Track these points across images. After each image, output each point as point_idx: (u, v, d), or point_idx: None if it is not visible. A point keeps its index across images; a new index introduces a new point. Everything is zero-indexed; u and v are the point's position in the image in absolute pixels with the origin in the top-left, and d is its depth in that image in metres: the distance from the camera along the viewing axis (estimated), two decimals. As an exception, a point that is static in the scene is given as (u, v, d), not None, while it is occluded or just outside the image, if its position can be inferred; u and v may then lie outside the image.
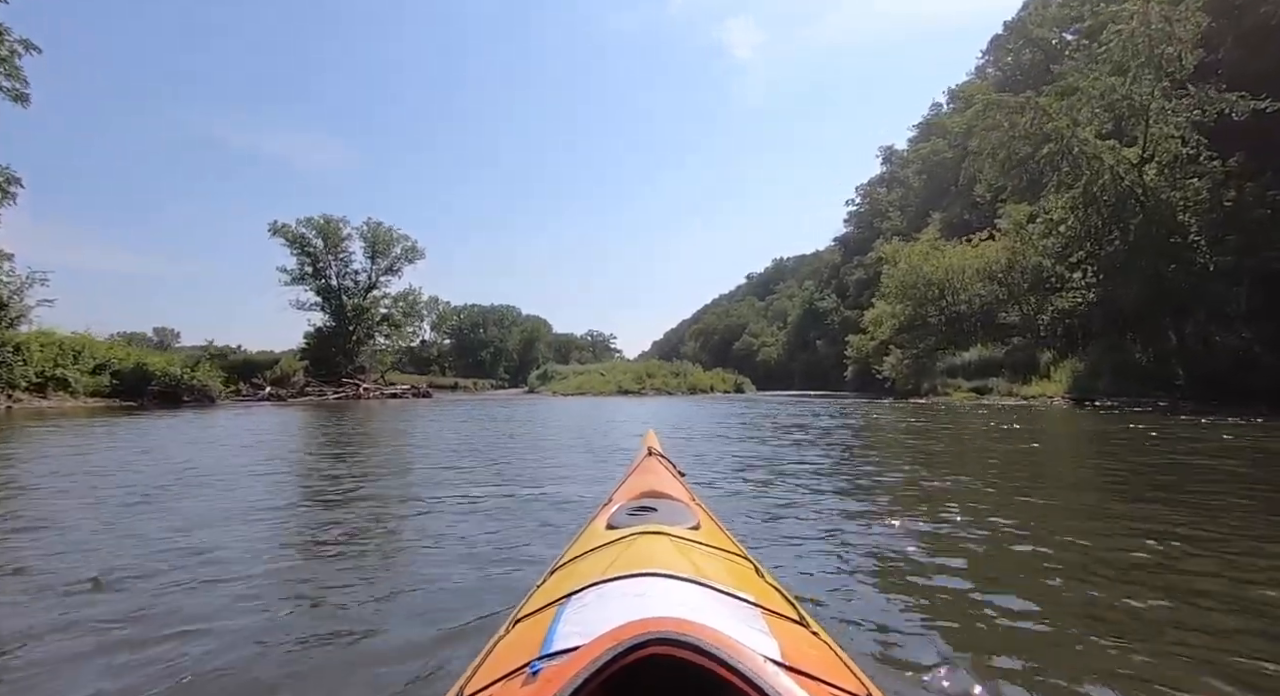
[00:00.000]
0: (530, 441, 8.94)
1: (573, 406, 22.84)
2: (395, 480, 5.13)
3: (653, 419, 15.20)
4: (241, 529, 3.35)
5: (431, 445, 8.36)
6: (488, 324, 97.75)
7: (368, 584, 2.42)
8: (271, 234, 39.19)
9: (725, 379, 48.16)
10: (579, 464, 6.16)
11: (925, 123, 63.83)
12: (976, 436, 9.35)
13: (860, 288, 65.04)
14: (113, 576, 2.50)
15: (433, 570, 2.57)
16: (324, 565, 2.70)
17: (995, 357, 23.09)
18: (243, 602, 2.21)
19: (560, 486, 4.55)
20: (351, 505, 4.00)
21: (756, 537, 3.00)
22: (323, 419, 15.28)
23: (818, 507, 3.82)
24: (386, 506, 3.98)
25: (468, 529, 3.30)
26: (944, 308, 28.88)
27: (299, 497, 4.42)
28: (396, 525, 3.51)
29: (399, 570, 2.64)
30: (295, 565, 2.72)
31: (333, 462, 6.41)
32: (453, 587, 2.34)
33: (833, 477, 5.14)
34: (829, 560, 2.71)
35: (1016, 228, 25.78)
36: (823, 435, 9.74)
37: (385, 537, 3.23)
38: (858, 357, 51.63)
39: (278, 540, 3.16)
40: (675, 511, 1.42)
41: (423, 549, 2.94)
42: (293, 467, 6.25)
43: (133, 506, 3.95)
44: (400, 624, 1.98)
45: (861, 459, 6.82)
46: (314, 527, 3.41)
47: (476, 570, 2.55)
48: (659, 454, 2.32)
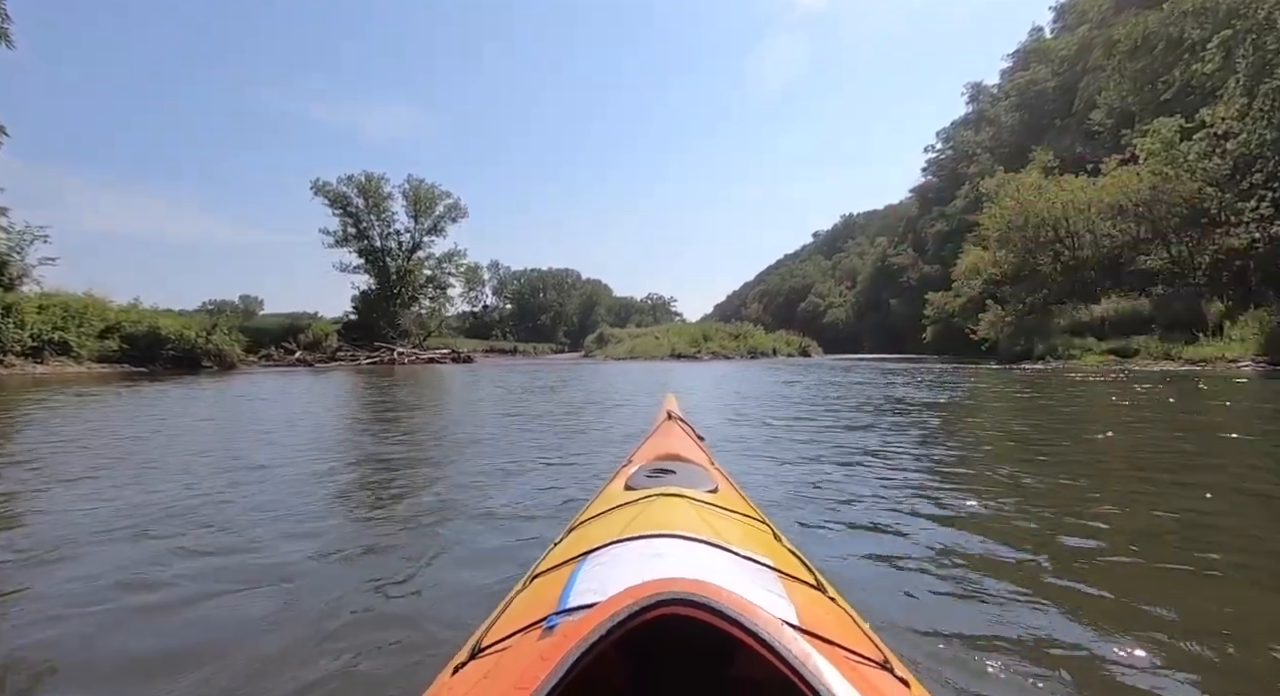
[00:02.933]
0: (522, 421, 6.80)
1: (614, 373, 19.50)
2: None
3: (691, 394, 11.59)
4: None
5: (399, 425, 6.68)
6: (547, 288, 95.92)
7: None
8: (314, 194, 37.23)
9: (790, 341, 43.50)
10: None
11: (1022, 50, 55.23)
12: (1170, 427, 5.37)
13: (941, 241, 58.14)
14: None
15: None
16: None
17: (1139, 311, 17.88)
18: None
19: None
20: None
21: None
22: (335, 387, 13.11)
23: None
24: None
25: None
26: (1059, 252, 23.36)
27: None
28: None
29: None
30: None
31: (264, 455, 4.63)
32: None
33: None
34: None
35: (1165, 147, 20.04)
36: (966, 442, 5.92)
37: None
38: (939, 317, 45.89)
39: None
40: (694, 474, 1.38)
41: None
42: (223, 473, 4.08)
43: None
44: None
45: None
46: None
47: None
48: (678, 417, 2.21)
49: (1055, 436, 5.25)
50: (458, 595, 1.88)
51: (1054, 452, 4.47)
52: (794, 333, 48.83)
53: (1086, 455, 4.39)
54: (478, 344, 62.17)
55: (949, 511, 2.84)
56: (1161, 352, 15.63)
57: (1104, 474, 3.76)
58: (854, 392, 10.39)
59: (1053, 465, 3.96)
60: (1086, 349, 17.58)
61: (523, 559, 2.01)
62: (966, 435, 5.46)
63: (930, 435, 5.33)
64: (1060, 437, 5.18)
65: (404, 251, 39.30)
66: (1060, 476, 3.55)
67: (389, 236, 38.97)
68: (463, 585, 1.95)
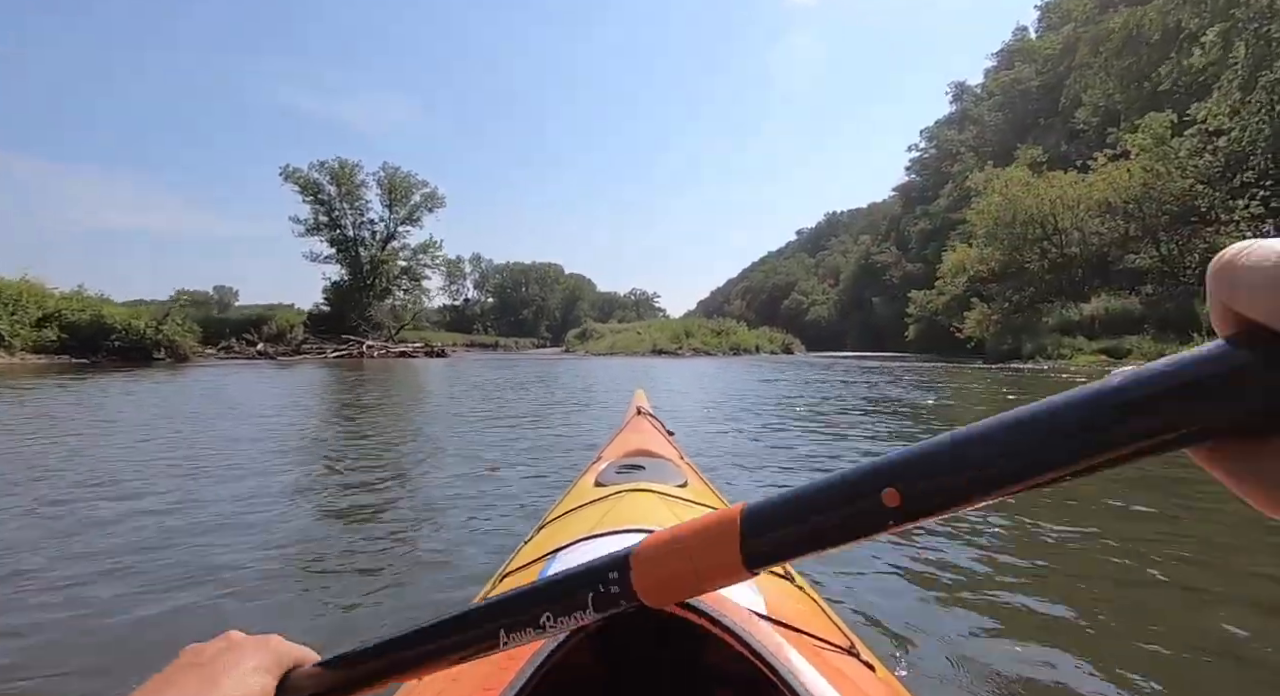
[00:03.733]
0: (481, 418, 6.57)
1: (591, 369, 18.53)
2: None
3: (666, 394, 10.68)
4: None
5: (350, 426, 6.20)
6: (530, 282, 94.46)
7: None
8: (283, 180, 35.66)
9: (773, 338, 42.78)
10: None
11: (1006, 50, 54.96)
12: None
13: (924, 239, 57.80)
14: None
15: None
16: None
17: (1130, 310, 17.28)
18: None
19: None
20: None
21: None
22: (288, 383, 12.07)
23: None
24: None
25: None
26: (1047, 250, 22.77)
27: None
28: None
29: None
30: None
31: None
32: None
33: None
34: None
35: (1155, 143, 19.48)
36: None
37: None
38: (922, 315, 45.45)
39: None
40: (663, 469, 1.38)
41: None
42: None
43: None
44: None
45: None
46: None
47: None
48: (648, 413, 2.19)
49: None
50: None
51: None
52: (777, 330, 48.09)
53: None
54: (458, 338, 60.79)
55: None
56: (1155, 353, 14.92)
57: (1103, 487, 3.21)
58: (836, 393, 9.55)
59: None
60: (1077, 349, 16.94)
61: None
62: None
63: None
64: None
65: (378, 241, 37.89)
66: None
67: (362, 226, 37.55)
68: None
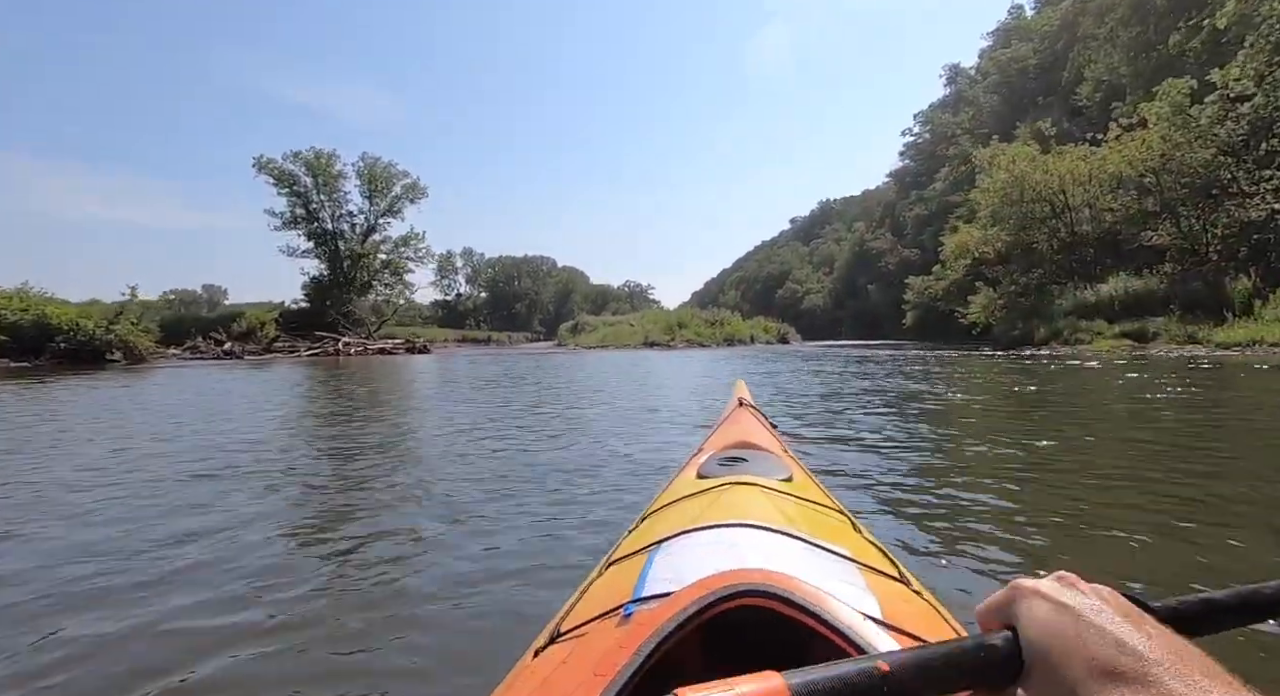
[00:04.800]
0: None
1: (579, 365, 17.11)
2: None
3: (645, 396, 9.28)
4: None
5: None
6: (522, 275, 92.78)
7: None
8: (257, 171, 33.96)
9: (768, 328, 41.30)
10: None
11: (1002, 29, 53.30)
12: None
13: (920, 225, 56.36)
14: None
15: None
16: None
17: (1152, 290, 15.87)
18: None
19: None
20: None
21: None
22: (245, 384, 10.51)
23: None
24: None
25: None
26: (1056, 229, 21.33)
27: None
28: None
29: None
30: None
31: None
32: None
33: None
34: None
35: (1175, 111, 18.02)
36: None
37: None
38: (920, 301, 44.09)
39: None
40: (767, 462, 1.32)
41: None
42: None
43: None
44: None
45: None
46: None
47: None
48: (750, 405, 2.11)
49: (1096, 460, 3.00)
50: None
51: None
52: (772, 319, 46.63)
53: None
54: (450, 333, 59.12)
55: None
56: (1184, 336, 13.64)
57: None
58: (844, 387, 8.15)
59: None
60: (1096, 333, 15.54)
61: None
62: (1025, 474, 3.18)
63: (964, 464, 3.05)
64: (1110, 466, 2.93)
65: (358, 235, 36.27)
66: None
67: (341, 218, 35.90)
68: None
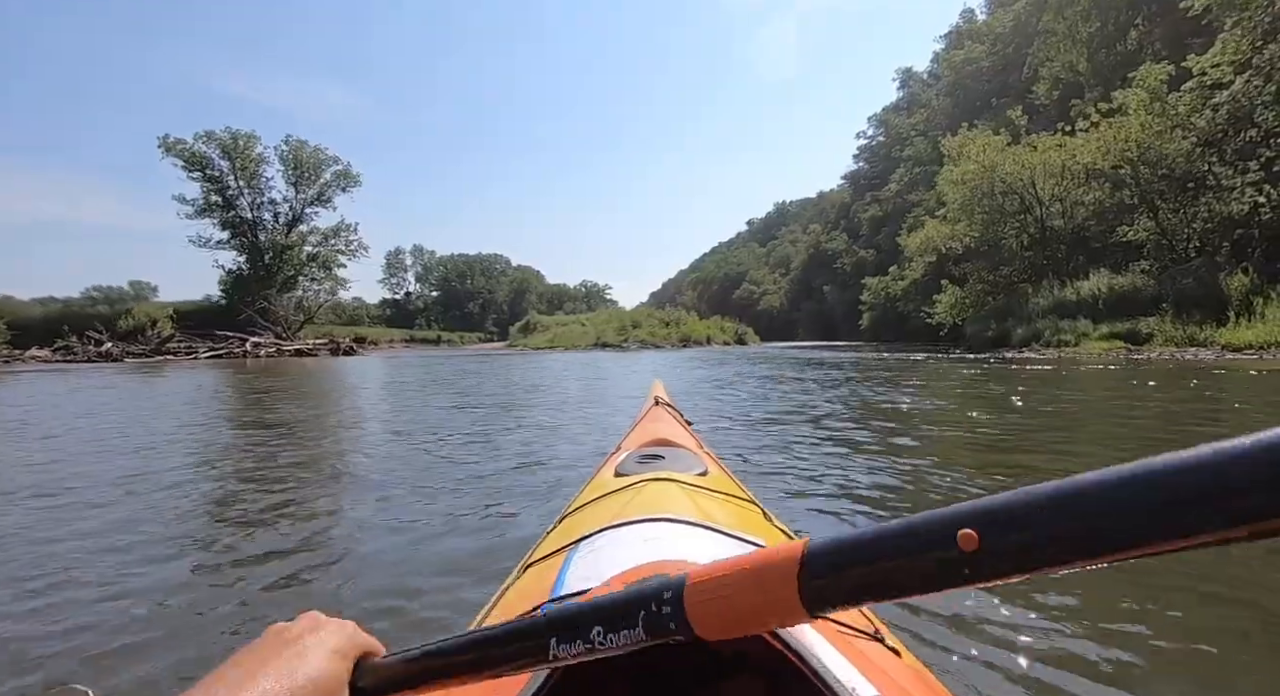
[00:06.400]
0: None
1: (520, 369, 14.61)
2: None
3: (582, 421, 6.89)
4: None
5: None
6: (475, 274, 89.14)
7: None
8: (164, 153, 30.08)
9: (725, 328, 39.36)
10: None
11: (955, 32, 53.04)
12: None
13: (875, 226, 55.71)
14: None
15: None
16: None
17: (1138, 288, 14.39)
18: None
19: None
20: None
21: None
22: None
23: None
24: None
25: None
26: (1026, 223, 19.92)
27: None
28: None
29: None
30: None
31: None
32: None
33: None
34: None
35: (1152, 98, 16.73)
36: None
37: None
38: (877, 302, 43.08)
39: None
40: (683, 458, 1.32)
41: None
42: None
43: None
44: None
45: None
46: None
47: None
48: (666, 403, 2.09)
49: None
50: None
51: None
52: (729, 319, 44.73)
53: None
54: (396, 333, 55.41)
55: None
56: (1183, 338, 12.10)
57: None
58: (807, 400, 6.00)
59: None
60: (1081, 333, 13.97)
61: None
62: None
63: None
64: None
65: (281, 225, 32.70)
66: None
67: (262, 206, 32.27)
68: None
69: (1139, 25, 26.58)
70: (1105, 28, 26.40)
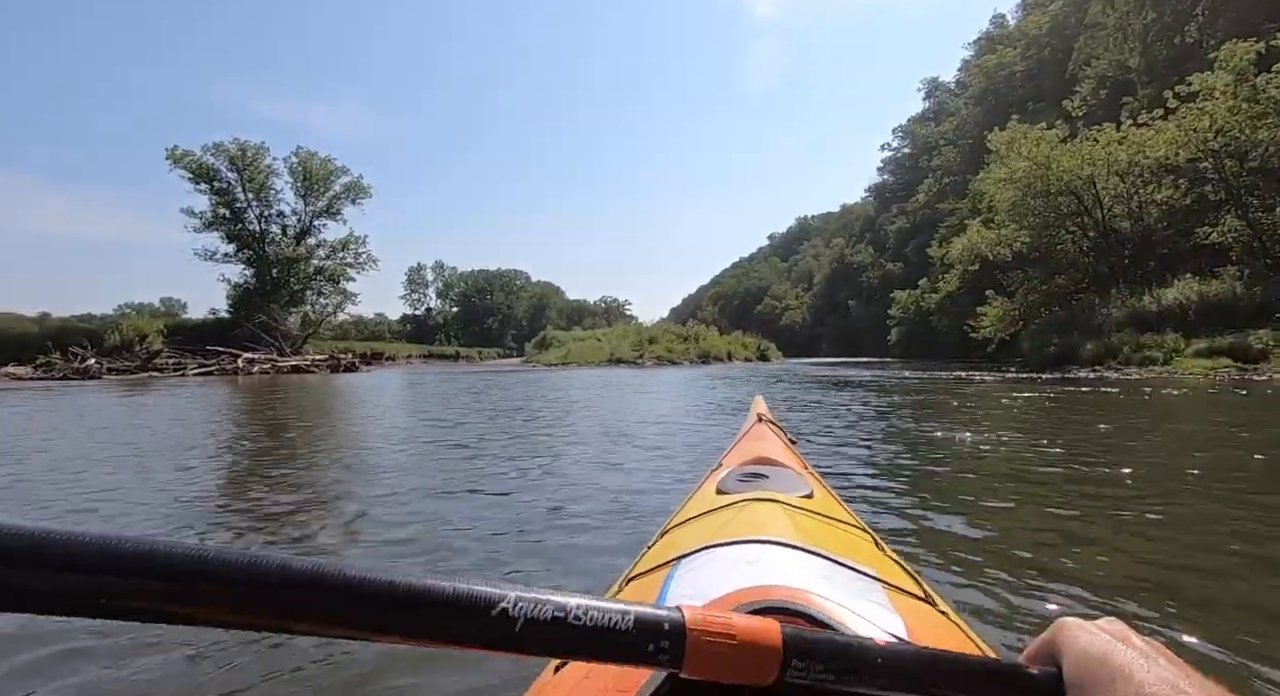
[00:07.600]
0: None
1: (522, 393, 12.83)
2: None
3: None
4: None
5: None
6: (494, 290, 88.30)
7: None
8: (171, 164, 29.31)
9: (746, 344, 37.26)
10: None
11: (984, 37, 50.87)
12: None
13: (903, 238, 53.24)
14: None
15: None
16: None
17: (1239, 297, 12.02)
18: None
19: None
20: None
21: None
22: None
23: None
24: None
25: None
26: (1086, 226, 17.63)
27: None
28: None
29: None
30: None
31: None
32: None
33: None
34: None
35: (1238, 81, 14.50)
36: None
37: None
38: (906, 316, 40.63)
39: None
40: (787, 478, 1.25)
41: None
42: None
43: None
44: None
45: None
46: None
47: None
48: (769, 420, 2.00)
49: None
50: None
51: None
52: (751, 335, 42.56)
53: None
54: (414, 349, 54.46)
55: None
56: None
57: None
58: (849, 434, 4.03)
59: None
60: (1172, 350, 11.71)
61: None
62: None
63: None
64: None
65: (289, 237, 31.66)
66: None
67: (269, 219, 31.29)
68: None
69: (1199, 15, 24.21)
70: (1162, 18, 24.10)
